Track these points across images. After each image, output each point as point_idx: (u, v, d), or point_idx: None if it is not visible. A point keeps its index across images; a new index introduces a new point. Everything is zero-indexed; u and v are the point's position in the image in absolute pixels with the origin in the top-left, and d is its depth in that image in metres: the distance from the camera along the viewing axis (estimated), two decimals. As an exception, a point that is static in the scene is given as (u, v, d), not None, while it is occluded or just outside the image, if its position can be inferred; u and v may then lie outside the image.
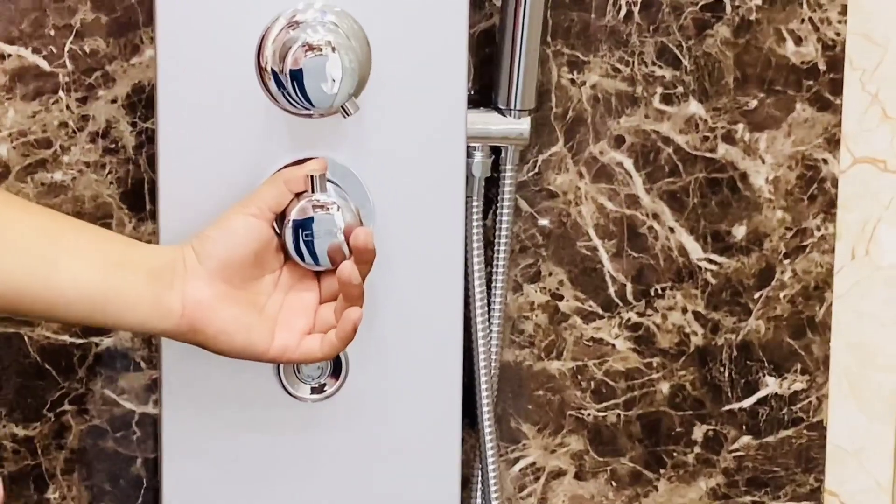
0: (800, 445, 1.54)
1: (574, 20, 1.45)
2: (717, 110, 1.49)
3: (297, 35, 1.23)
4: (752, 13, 1.46)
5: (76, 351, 1.46)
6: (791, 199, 1.49)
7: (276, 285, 1.25)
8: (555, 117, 1.46)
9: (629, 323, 1.51)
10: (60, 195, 1.43)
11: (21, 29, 1.40)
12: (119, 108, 1.42)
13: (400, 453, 1.37)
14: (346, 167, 1.28)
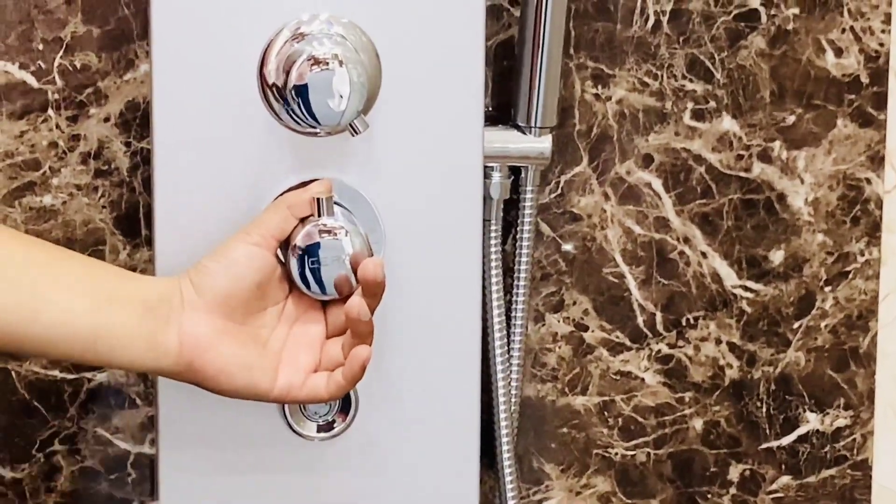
0: (843, 486, 1.54)
1: (598, 31, 1.45)
2: (753, 126, 1.48)
3: (301, 48, 1.23)
4: (788, 22, 1.45)
5: (67, 387, 1.47)
6: (832, 222, 1.48)
7: (280, 318, 1.24)
8: (578, 135, 1.46)
9: (659, 355, 1.51)
10: (50, 220, 1.43)
11: (7, 43, 1.41)
12: (112, 126, 1.42)
13: (414, 497, 1.37)
14: (355, 189, 1.28)
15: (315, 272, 1.21)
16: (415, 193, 1.31)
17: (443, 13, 1.29)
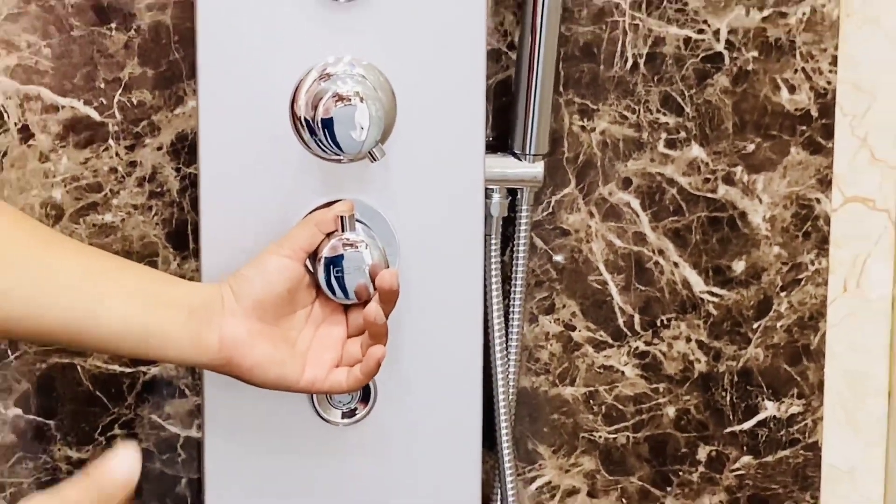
0: (796, 465, 1.53)
1: (584, 71, 1.44)
2: (718, 154, 1.47)
3: (328, 86, 1.23)
4: (748, 64, 1.46)
5: (125, 379, 1.46)
6: (787, 236, 1.47)
7: (308, 320, 1.24)
8: (566, 161, 1.45)
9: (637, 351, 1.49)
10: (110, 235, 1.43)
11: (74, 82, 1.40)
12: (164, 154, 1.42)
13: (424, 474, 1.37)
14: (374, 208, 1.28)
15: (339, 280, 1.21)
16: (425, 212, 1.31)
17: (449, 56, 1.29)
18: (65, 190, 1.41)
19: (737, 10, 1.45)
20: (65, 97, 1.40)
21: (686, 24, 1.45)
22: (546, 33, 1.37)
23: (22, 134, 1.40)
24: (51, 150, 1.41)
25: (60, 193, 1.41)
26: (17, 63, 1.39)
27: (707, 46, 1.45)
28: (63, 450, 1.46)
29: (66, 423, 1.46)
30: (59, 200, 1.41)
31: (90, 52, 1.39)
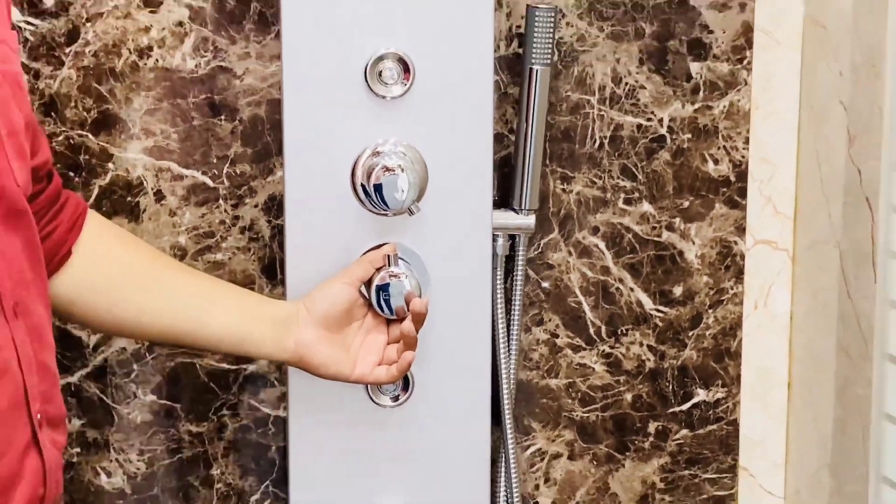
0: (720, 436, 1.52)
1: (564, 149, 1.44)
2: (662, 208, 1.47)
3: (378, 161, 1.24)
4: (684, 143, 1.45)
5: (231, 374, 1.46)
6: (712, 269, 1.47)
7: (359, 330, 1.24)
8: (551, 214, 1.45)
9: (603, 353, 1.49)
10: (220, 269, 1.43)
11: (194, 158, 1.41)
12: (259, 210, 1.42)
13: (448, 442, 1.36)
14: (411, 249, 1.28)
15: (386, 302, 1.22)
16: (449, 252, 1.31)
17: (466, 138, 1.30)
18: (188, 237, 1.42)
19: (675, 104, 1.45)
20: (187, 169, 1.41)
21: (638, 114, 1.45)
22: (536, 122, 1.38)
23: (156, 196, 1.41)
24: (177, 208, 1.42)
25: (184, 239, 1.42)
26: (154, 144, 1.40)
27: (654, 131, 1.45)
28: (186, 426, 1.46)
29: (187, 406, 1.46)
30: (183, 244, 1.42)
31: (206, 137, 1.40)
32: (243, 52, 1.38)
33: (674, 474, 1.52)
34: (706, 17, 1.42)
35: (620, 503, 1.54)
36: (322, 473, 1.35)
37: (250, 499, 1.49)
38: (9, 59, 0.99)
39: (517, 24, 1.40)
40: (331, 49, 1.26)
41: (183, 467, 1.48)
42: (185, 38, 1.37)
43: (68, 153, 1.37)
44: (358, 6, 1.26)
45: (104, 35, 1.35)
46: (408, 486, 1.36)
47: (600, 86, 1.44)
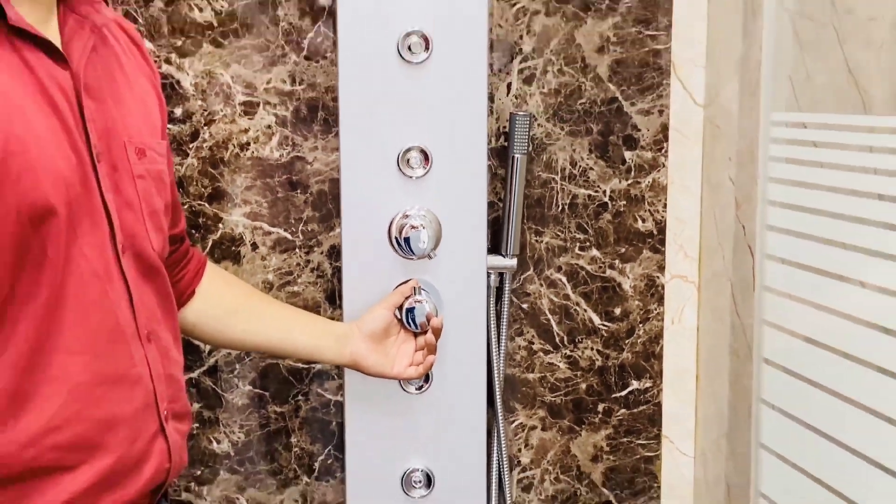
0: (649, 413, 1.52)
1: (537, 212, 1.45)
2: (606, 253, 1.47)
3: (406, 221, 1.26)
4: (622, 207, 1.46)
5: (304, 371, 1.46)
6: (642, 296, 1.49)
7: (396, 341, 1.24)
8: (528, 258, 1.46)
9: (565, 355, 1.49)
10: (297, 297, 1.43)
11: (278, 220, 1.41)
12: (324, 256, 1.42)
13: (457, 420, 1.36)
14: (430, 283, 1.29)
15: (413, 320, 1.23)
16: (456, 284, 1.31)
17: (468, 206, 1.29)
18: (274, 275, 1.42)
19: (615, 180, 1.44)
20: (273, 227, 1.41)
21: (589, 187, 1.45)
22: (517, 193, 1.39)
23: (252, 246, 1.42)
24: (266, 255, 1.42)
25: (272, 276, 1.42)
26: (250, 210, 1.41)
27: (599, 199, 1.45)
28: (272, 407, 1.46)
29: (273, 393, 1.46)
30: (270, 280, 1.42)
31: (286, 205, 1.40)
32: (312, 146, 1.39)
33: (616, 441, 1.52)
34: (636, 119, 1.43)
35: (578, 462, 1.53)
36: (368, 441, 1.35)
37: (317, 459, 1.48)
38: (155, 161, 1.00)
39: (503, 125, 1.41)
40: (373, 144, 1.26)
41: (270, 437, 1.47)
42: (273, 137, 1.38)
43: (191, 217, 1.38)
44: (393, 112, 1.26)
45: (216, 134, 1.37)
46: (427, 451, 1.36)
47: (562, 168, 1.44)
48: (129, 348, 0.92)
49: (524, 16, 1.39)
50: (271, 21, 1.34)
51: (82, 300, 0.87)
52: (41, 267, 0.84)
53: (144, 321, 0.95)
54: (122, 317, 0.91)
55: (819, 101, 1.20)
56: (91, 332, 0.88)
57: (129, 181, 0.94)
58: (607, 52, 1.41)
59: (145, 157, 0.97)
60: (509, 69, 1.41)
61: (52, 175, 0.83)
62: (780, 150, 1.25)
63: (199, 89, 1.36)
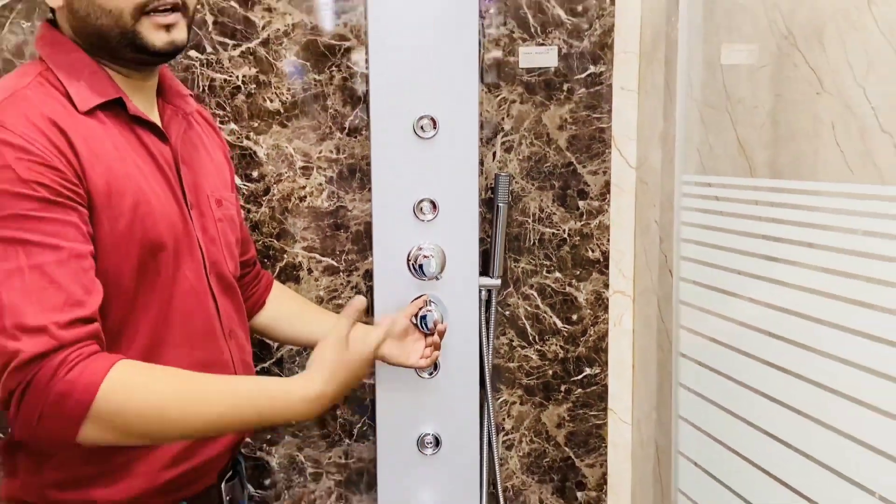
0: (599, 392, 1.49)
1: (515, 245, 1.42)
2: (566, 275, 1.44)
3: (420, 252, 1.26)
4: (577, 242, 1.43)
5: None
6: (592, 306, 1.45)
7: (412, 340, 1.19)
8: (509, 278, 1.43)
9: (537, 350, 1.47)
10: (340, 309, 1.35)
11: (327, 252, 1.39)
12: (360, 278, 1.40)
13: (458, 397, 1.33)
14: (438, 297, 1.27)
15: (424, 325, 1.20)
16: (456, 298, 1.28)
17: (466, 241, 1.27)
18: (324, 292, 1.40)
19: (571, 222, 1.42)
20: (324, 257, 1.39)
21: (552, 227, 1.43)
22: (500, 232, 1.37)
23: (308, 271, 1.38)
24: (318, 277, 1.40)
25: (322, 293, 1.40)
26: (307, 244, 1.37)
27: (561, 236, 1.43)
28: None
29: None
30: (322, 296, 1.40)
31: (333, 241, 1.38)
32: (352, 198, 1.37)
33: (574, 412, 1.50)
34: (586, 178, 1.41)
35: (546, 428, 1.50)
36: (392, 413, 1.32)
37: (356, 426, 1.45)
38: (228, 208, 0.99)
39: (490, 182, 1.39)
40: (395, 196, 1.25)
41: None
42: (323, 192, 1.37)
43: (263, 250, 1.36)
44: (410, 174, 1.24)
45: (282, 190, 1.36)
46: (436, 420, 1.33)
47: (533, 213, 1.42)
48: (218, 342, 0.92)
49: (505, 104, 1.38)
50: (322, 108, 1.34)
51: (184, 308, 0.87)
52: (155, 284, 0.84)
53: (226, 323, 0.94)
54: (211, 320, 0.91)
55: (719, 167, 1.17)
56: (190, 331, 0.88)
57: (212, 223, 0.93)
58: (565, 130, 1.39)
59: (222, 206, 0.96)
60: (494, 142, 1.39)
61: (164, 220, 0.84)
62: (690, 202, 1.23)
63: (270, 158, 1.35)
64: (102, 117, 0.83)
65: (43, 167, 0.74)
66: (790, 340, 0.97)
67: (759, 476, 1.04)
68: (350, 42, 1.33)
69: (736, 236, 1.11)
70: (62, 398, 0.71)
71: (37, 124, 0.76)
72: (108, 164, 0.80)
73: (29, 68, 0.84)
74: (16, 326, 0.71)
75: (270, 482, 1.43)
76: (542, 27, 1.35)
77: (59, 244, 0.74)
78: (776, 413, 1.00)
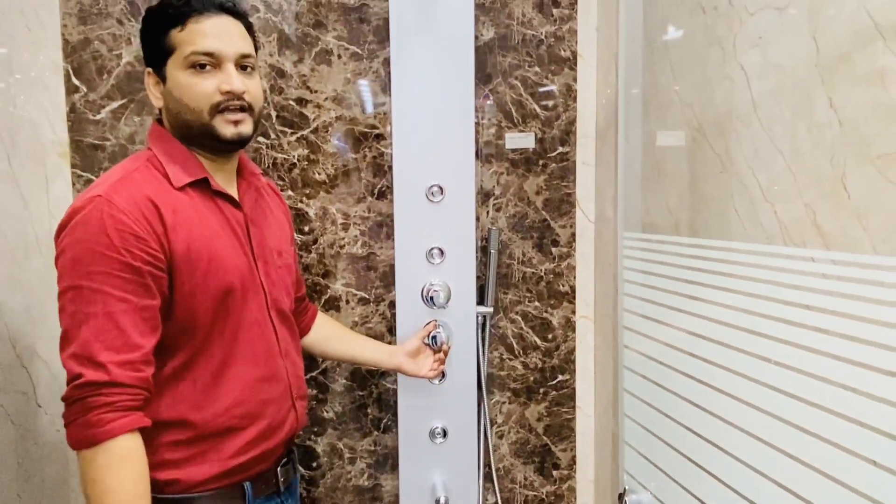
0: (568, 394, 1.47)
1: (504, 281, 1.41)
2: (543, 304, 1.42)
3: (432, 287, 1.24)
4: (550, 278, 1.41)
5: (375, 372, 1.42)
6: (563, 328, 1.44)
7: (423, 356, 1.18)
8: (499, 306, 1.42)
9: (521, 361, 1.45)
10: (371, 331, 1.38)
11: (360, 286, 1.35)
12: (386, 307, 1.39)
13: (460, 398, 1.31)
14: (445, 321, 1.26)
15: (435, 342, 1.20)
16: (459, 323, 1.27)
17: (465, 279, 1.25)
18: (358, 318, 1.38)
19: (546, 263, 1.38)
20: (358, 290, 1.37)
21: (532, 267, 1.42)
22: (493, 272, 1.37)
23: (346, 302, 1.35)
24: (354, 307, 1.37)
25: (357, 319, 1.38)
26: (346, 281, 1.37)
27: (539, 274, 1.41)
28: (357, 392, 1.42)
29: (358, 384, 1.41)
30: (356, 321, 1.38)
31: (365, 279, 1.37)
32: (380, 246, 1.37)
33: (550, 409, 1.48)
34: (557, 230, 1.41)
35: (529, 422, 1.47)
36: (410, 411, 1.30)
37: (382, 421, 1.43)
38: (287, 258, 0.99)
39: (485, 234, 1.39)
40: (412, 245, 1.23)
41: (356, 409, 1.42)
42: (357, 241, 1.37)
43: (312, 286, 1.36)
44: (424, 228, 1.21)
45: (327, 240, 1.36)
46: (444, 416, 1.30)
47: (517, 257, 1.42)
48: (276, 360, 0.92)
49: (496, 175, 1.39)
50: (357, 178, 1.35)
51: (249, 335, 0.88)
52: (227, 317, 0.86)
53: (284, 346, 0.94)
54: (271, 344, 0.91)
55: (654, 226, 1.15)
56: (254, 353, 0.89)
57: (274, 270, 0.94)
58: (541, 194, 1.40)
59: (282, 257, 0.97)
60: (487, 203, 1.40)
61: (235, 269, 0.86)
62: (632, 253, 1.22)
63: (318, 217, 1.35)
64: (191, 192, 0.86)
65: (133, 237, 0.78)
66: (703, 358, 0.99)
67: (681, 459, 1.05)
68: (379, 129, 1.35)
69: (665, 280, 1.10)
70: (90, 425, 0.75)
71: (137, 202, 0.79)
72: (190, 229, 0.83)
73: (140, 155, 0.88)
74: (85, 356, 0.75)
75: (316, 464, 1.42)
76: (523, 118, 1.39)
77: (129, 298, 0.77)
78: (693, 411, 1.02)
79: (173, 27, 0.85)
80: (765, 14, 0.82)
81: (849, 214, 0.69)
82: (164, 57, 0.85)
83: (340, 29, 1.30)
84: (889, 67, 0.64)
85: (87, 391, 0.75)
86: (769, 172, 0.81)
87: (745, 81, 0.85)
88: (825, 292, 0.72)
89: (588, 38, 1.34)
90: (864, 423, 0.67)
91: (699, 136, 0.98)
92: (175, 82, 0.85)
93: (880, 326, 0.65)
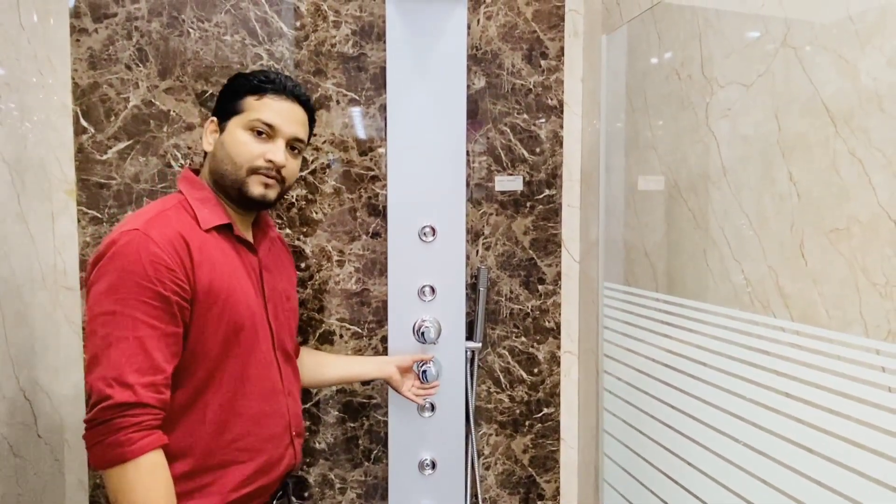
0: (553, 426, 1.47)
1: (492, 317, 1.41)
2: (529, 339, 1.43)
3: (423, 323, 1.24)
4: (536, 314, 1.42)
5: (367, 404, 1.41)
6: (548, 363, 1.43)
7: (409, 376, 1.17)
8: (488, 342, 1.43)
9: (508, 394, 1.44)
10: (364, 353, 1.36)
11: (354, 321, 1.34)
12: (379, 341, 1.36)
13: (450, 430, 1.28)
14: (436, 355, 1.25)
15: (425, 376, 1.20)
16: (449, 357, 1.25)
17: (455, 314, 1.24)
18: (351, 352, 1.37)
19: (533, 300, 1.39)
20: (352, 325, 1.36)
21: (519, 304, 1.40)
22: (482, 307, 1.37)
23: (339, 336, 1.35)
24: (347, 340, 1.36)
25: (350, 351, 1.37)
26: (339, 316, 1.36)
27: (525, 310, 1.41)
28: (349, 423, 1.41)
29: (350, 416, 1.40)
30: (351, 352, 1.36)
31: (359, 314, 1.35)
32: (374, 283, 1.38)
33: (536, 441, 1.48)
34: (544, 269, 1.43)
35: (515, 453, 1.48)
36: (400, 443, 1.28)
37: (373, 452, 1.43)
38: (293, 302, 1.03)
39: (474, 272, 1.40)
40: (405, 283, 1.22)
41: (347, 440, 1.42)
42: (352, 277, 1.37)
43: (307, 320, 1.36)
44: (416, 267, 1.22)
45: (322, 277, 1.37)
46: (433, 448, 1.28)
47: (505, 294, 1.43)
48: (279, 398, 0.94)
49: (485, 216, 1.41)
50: (352, 218, 1.36)
51: (257, 373, 0.91)
52: (237, 353, 0.88)
53: (286, 384, 0.97)
54: (276, 382, 0.94)
55: (635, 278, 1.15)
56: (260, 389, 0.91)
57: (283, 313, 0.98)
58: (528, 234, 1.42)
59: (289, 301, 1.01)
60: (477, 243, 1.41)
61: (247, 309, 0.89)
62: (612, 303, 1.24)
63: (314, 254, 1.36)
64: (216, 234, 0.91)
65: (165, 269, 0.82)
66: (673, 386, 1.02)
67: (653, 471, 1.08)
68: (374, 172, 1.37)
69: (640, 330, 1.14)
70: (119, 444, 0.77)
71: (170, 237, 0.84)
72: (213, 266, 0.87)
73: (171, 197, 0.92)
74: (114, 378, 0.78)
75: (309, 494, 1.41)
76: (512, 162, 1.41)
77: (157, 325, 0.81)
78: (662, 429, 1.05)
79: (252, 94, 0.93)
80: (733, 88, 0.86)
81: (806, 279, 0.73)
82: (232, 113, 0.93)
83: (339, 76, 1.32)
84: (839, 152, 0.69)
85: (114, 413, 0.77)
86: (737, 233, 0.86)
87: (717, 147, 0.90)
88: (790, 359, 0.77)
89: (574, 87, 1.37)
90: (821, 483, 0.74)
91: (675, 192, 1.02)
92: (232, 136, 0.91)
93: (836, 396, 0.71)
